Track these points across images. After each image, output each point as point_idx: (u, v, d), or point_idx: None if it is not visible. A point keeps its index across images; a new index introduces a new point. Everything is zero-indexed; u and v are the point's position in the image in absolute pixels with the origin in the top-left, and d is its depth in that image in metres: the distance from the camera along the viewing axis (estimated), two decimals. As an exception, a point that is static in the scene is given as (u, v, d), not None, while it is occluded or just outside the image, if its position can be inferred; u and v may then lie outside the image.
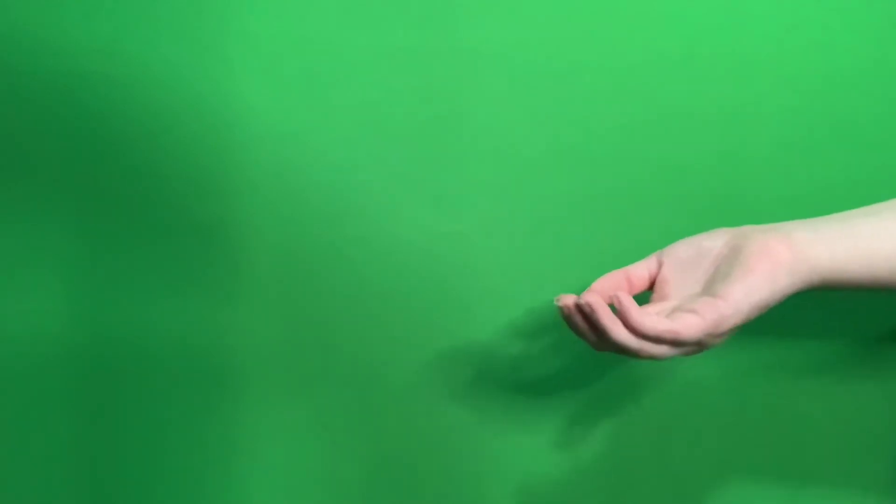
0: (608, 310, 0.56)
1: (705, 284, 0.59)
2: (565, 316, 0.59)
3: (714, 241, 0.60)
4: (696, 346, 0.56)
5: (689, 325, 0.55)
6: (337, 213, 0.75)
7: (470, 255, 0.75)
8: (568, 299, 0.58)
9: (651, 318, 0.55)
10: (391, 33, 0.74)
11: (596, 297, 0.56)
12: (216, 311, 0.76)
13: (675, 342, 0.55)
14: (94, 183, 0.75)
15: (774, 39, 0.74)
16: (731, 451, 0.76)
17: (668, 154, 0.74)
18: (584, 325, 0.58)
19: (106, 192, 0.75)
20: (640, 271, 0.63)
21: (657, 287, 0.62)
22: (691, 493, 0.76)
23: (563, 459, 0.76)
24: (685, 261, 0.61)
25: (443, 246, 0.75)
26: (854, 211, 0.60)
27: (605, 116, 0.75)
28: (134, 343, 0.76)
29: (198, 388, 0.76)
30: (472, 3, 0.74)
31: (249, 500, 0.77)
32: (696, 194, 0.74)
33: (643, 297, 0.73)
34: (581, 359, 0.76)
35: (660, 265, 0.62)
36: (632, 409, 0.76)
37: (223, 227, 0.75)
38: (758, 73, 0.74)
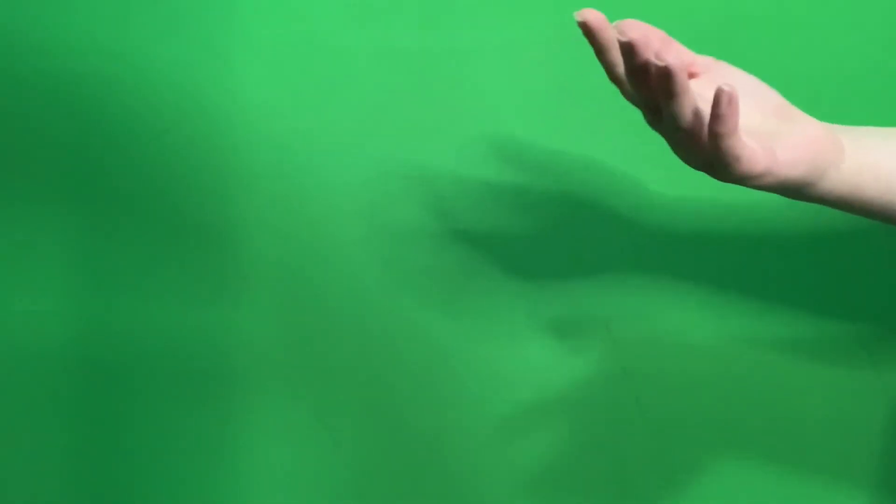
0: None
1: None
2: (598, 44, 0.50)
3: (772, 93, 0.54)
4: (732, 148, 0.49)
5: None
6: (337, 213, 0.75)
7: (470, 255, 0.75)
8: (596, 21, 0.49)
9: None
10: (391, 33, 0.74)
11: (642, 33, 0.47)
12: (217, 310, 0.76)
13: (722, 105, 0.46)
14: (94, 183, 0.75)
15: None
16: (730, 449, 0.76)
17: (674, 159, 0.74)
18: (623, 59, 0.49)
19: (107, 192, 0.75)
20: (685, 49, 0.53)
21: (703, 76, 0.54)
22: (691, 491, 0.76)
23: (564, 459, 0.76)
24: (741, 83, 0.54)
25: (443, 245, 0.75)
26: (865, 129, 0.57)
27: (606, 116, 0.75)
28: (134, 343, 0.76)
29: (198, 388, 0.76)
30: (472, 3, 0.74)
31: (249, 500, 0.77)
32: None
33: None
34: (581, 358, 0.76)
35: (712, 65, 0.54)
36: (632, 409, 0.76)
37: (224, 227, 0.75)
38: None
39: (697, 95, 0.51)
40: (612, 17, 0.74)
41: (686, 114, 0.48)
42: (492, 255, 0.75)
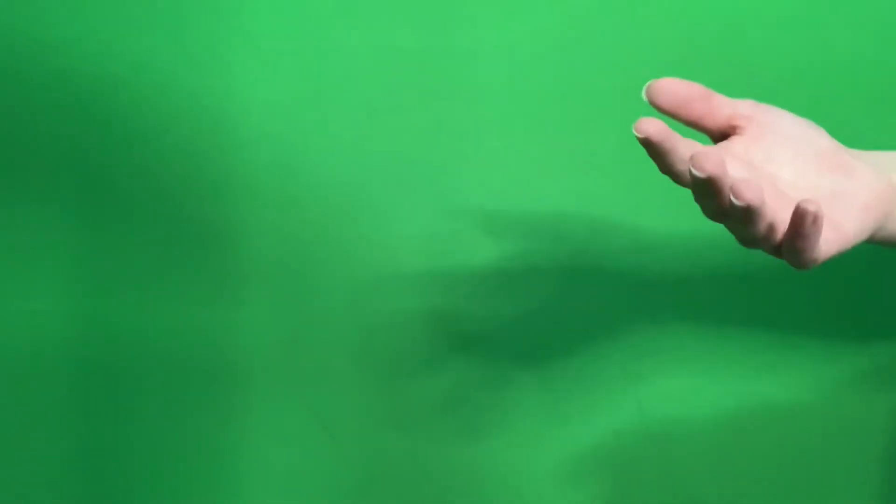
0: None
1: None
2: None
3: (820, 136, 0.50)
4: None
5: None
6: (336, 213, 0.75)
7: (470, 256, 0.75)
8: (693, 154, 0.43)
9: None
10: (391, 33, 0.75)
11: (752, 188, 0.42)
12: (216, 310, 0.76)
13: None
14: (94, 183, 0.76)
15: None
16: (730, 451, 0.76)
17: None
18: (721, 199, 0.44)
19: (106, 192, 0.76)
20: (725, 100, 0.49)
21: (744, 130, 0.49)
22: (691, 492, 0.76)
23: (563, 460, 0.76)
24: (787, 134, 0.50)
25: (443, 246, 0.75)
26: None
27: (605, 116, 0.75)
28: (134, 343, 0.76)
29: (198, 389, 0.76)
30: (472, 3, 0.74)
31: (249, 500, 0.76)
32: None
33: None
34: (581, 360, 0.76)
35: (753, 113, 0.50)
36: (632, 409, 0.76)
37: (223, 227, 0.75)
38: None
39: (742, 161, 0.48)
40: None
41: (759, 231, 0.45)
42: (491, 255, 0.75)
